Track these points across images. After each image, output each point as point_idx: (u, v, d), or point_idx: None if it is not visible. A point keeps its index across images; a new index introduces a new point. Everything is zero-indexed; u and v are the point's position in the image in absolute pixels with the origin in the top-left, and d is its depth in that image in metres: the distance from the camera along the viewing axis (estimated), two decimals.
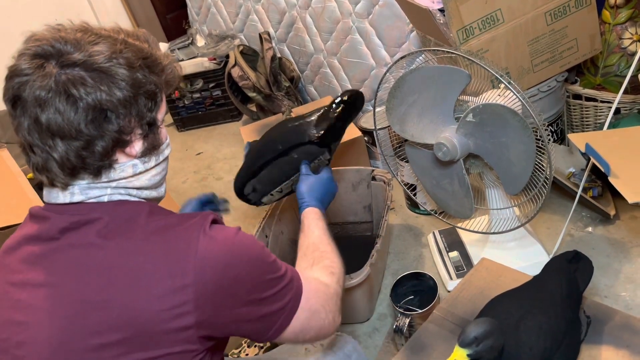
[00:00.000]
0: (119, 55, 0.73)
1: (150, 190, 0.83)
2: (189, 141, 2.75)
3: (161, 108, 0.81)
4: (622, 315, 1.02)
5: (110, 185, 0.77)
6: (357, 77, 2.12)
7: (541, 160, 1.19)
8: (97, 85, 0.70)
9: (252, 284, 0.78)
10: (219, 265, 0.74)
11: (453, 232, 1.56)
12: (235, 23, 2.74)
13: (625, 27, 1.57)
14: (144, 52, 0.77)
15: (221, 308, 0.76)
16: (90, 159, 0.73)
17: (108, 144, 0.73)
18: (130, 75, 0.73)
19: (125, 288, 0.72)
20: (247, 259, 0.78)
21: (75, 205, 0.76)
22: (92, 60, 0.71)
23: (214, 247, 0.75)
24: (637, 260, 1.38)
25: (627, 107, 1.57)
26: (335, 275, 0.96)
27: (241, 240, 0.79)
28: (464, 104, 1.26)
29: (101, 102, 0.71)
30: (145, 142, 0.78)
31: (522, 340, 0.90)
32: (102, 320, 0.71)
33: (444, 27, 1.44)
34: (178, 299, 0.72)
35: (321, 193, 1.17)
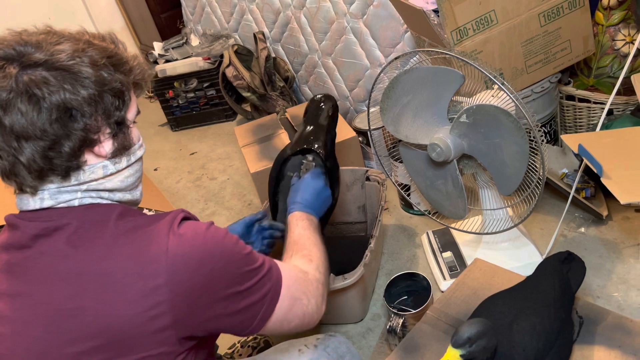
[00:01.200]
0: (82, 54, 0.72)
1: (123, 193, 0.81)
2: (183, 141, 2.74)
3: (130, 108, 0.80)
4: (614, 315, 1.02)
5: (81, 188, 0.76)
6: (351, 77, 2.13)
7: (534, 161, 1.19)
8: (60, 84, 0.70)
9: (228, 277, 0.78)
10: (192, 262, 0.74)
11: (447, 232, 1.57)
12: (229, 23, 2.73)
13: (618, 29, 1.58)
14: (109, 51, 0.76)
15: (198, 305, 0.75)
16: (58, 160, 0.72)
17: (75, 144, 0.72)
18: (94, 73, 0.72)
19: (96, 294, 0.71)
20: (219, 253, 0.77)
21: (45, 212, 0.75)
22: (54, 59, 0.70)
23: (184, 244, 0.74)
24: (629, 261, 1.39)
25: (620, 108, 1.58)
26: (314, 262, 0.97)
27: (213, 234, 0.78)
28: (457, 104, 1.26)
29: (65, 100, 0.70)
30: (115, 142, 0.77)
31: (515, 340, 0.91)
32: (77, 328, 0.71)
33: (438, 28, 1.44)
34: (152, 300, 0.71)
35: (305, 196, 1.16)
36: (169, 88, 2.74)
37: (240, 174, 2.30)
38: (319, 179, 1.21)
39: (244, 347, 1.42)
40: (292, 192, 1.19)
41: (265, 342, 1.41)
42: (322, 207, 1.19)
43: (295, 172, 1.31)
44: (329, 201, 1.22)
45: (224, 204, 2.13)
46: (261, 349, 1.39)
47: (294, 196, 1.17)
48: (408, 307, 1.34)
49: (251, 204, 2.06)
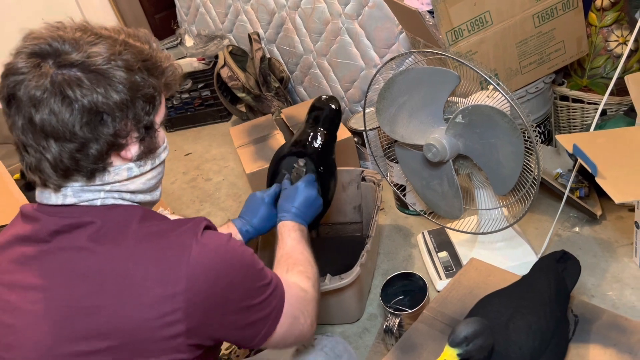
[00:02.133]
0: (118, 57, 0.72)
1: (144, 194, 0.81)
2: (178, 142, 2.74)
3: (160, 111, 0.79)
4: (609, 314, 1.03)
5: (104, 188, 0.76)
6: (346, 78, 2.13)
7: (529, 161, 1.20)
8: (93, 87, 0.69)
9: (243, 291, 0.78)
10: (211, 273, 0.74)
11: (442, 232, 1.57)
12: (224, 23, 2.73)
13: (611, 30, 1.59)
14: (144, 54, 0.75)
15: (211, 316, 0.75)
16: (84, 162, 0.72)
17: (103, 147, 0.72)
18: (128, 78, 0.72)
19: (114, 295, 0.71)
20: (238, 266, 0.78)
21: (67, 208, 0.75)
22: (90, 61, 0.70)
23: (206, 254, 0.74)
24: (623, 260, 1.40)
25: (614, 108, 1.59)
26: (311, 280, 0.97)
27: (233, 247, 0.78)
28: (453, 105, 1.26)
29: (97, 104, 0.70)
30: (141, 146, 0.77)
31: (512, 339, 0.91)
32: (90, 326, 0.71)
33: (433, 29, 1.45)
34: (169, 307, 0.71)
35: (296, 204, 1.15)
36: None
37: (235, 174, 2.30)
38: (312, 188, 1.20)
39: (241, 347, 1.41)
40: (284, 198, 1.18)
41: None
42: (312, 217, 1.18)
43: (287, 175, 1.30)
44: (320, 210, 1.21)
45: (219, 204, 2.13)
46: (258, 349, 1.39)
47: (285, 203, 1.16)
48: (404, 307, 1.34)
49: None
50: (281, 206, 1.16)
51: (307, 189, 1.18)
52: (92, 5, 3.42)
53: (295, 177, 1.30)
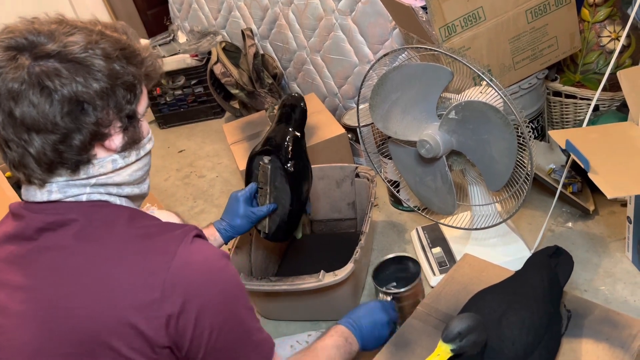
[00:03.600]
0: (95, 46, 0.71)
1: (132, 187, 0.80)
2: (171, 138, 2.73)
3: (141, 101, 0.79)
4: (601, 309, 1.03)
5: (89, 182, 0.75)
6: (340, 74, 2.13)
7: (522, 157, 1.20)
8: (72, 77, 0.69)
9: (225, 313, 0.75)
10: (191, 287, 0.72)
11: (436, 228, 1.58)
12: (217, 19, 2.72)
13: (603, 25, 1.59)
14: (122, 43, 0.75)
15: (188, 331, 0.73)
16: (68, 154, 0.71)
17: (86, 137, 0.71)
18: (106, 66, 0.71)
19: (94, 297, 0.70)
20: (220, 287, 0.74)
21: (52, 204, 0.74)
22: (66, 51, 0.69)
23: (189, 265, 0.72)
24: (615, 255, 1.41)
25: (606, 104, 1.60)
26: None
27: (222, 267, 0.76)
28: (446, 101, 1.26)
29: (77, 93, 0.69)
30: (125, 136, 0.76)
31: (505, 334, 0.92)
32: (73, 328, 0.70)
33: (427, 25, 1.45)
34: (148, 313, 0.70)
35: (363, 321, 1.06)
36: (156, 85, 2.71)
37: (229, 171, 2.30)
38: (383, 314, 1.09)
39: None
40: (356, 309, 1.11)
41: None
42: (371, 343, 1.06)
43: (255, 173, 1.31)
44: (382, 341, 1.08)
45: (212, 201, 2.12)
46: None
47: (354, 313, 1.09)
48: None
49: None
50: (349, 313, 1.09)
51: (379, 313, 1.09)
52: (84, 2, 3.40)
53: (261, 175, 1.30)
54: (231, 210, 1.26)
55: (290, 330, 1.43)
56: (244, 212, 1.25)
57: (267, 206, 1.29)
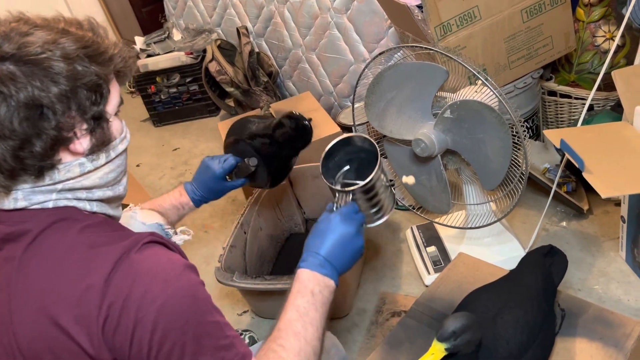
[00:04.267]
0: (54, 46, 0.66)
1: (103, 190, 0.76)
2: (166, 136, 2.72)
3: (110, 100, 0.74)
4: (595, 308, 1.04)
5: (56, 188, 0.71)
6: (335, 72, 2.12)
7: (517, 156, 1.20)
8: (28, 81, 0.64)
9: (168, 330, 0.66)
10: (131, 305, 0.65)
11: (431, 227, 1.58)
12: (212, 17, 2.71)
13: (598, 25, 1.60)
14: (84, 41, 0.70)
15: (125, 348, 0.66)
16: (29, 160, 0.67)
17: (47, 143, 0.67)
18: (66, 67, 0.66)
19: (35, 312, 0.67)
20: (165, 298, 0.66)
21: (18, 213, 0.71)
22: (22, 52, 0.65)
23: (129, 277, 0.66)
24: (609, 254, 1.41)
25: (601, 103, 1.60)
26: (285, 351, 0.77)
27: (173, 277, 0.67)
28: (441, 100, 1.26)
29: (34, 98, 0.65)
30: (92, 138, 0.71)
31: (500, 333, 0.92)
32: (16, 342, 0.67)
33: (422, 24, 1.45)
34: (79, 328, 0.65)
35: (325, 247, 0.87)
36: (151, 83, 2.71)
37: None
38: (350, 223, 0.90)
39: None
40: (313, 233, 0.90)
41: (251, 338, 1.40)
42: (347, 265, 0.89)
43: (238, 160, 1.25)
44: (359, 256, 0.92)
45: None
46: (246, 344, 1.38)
47: (313, 242, 0.89)
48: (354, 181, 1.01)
49: (235, 199, 2.05)
50: (307, 244, 0.90)
51: (344, 224, 0.89)
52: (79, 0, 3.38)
53: (237, 172, 1.26)
54: (203, 181, 1.23)
55: None
56: (216, 186, 1.24)
57: (241, 180, 1.27)
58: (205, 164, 1.25)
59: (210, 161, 1.25)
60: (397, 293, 1.47)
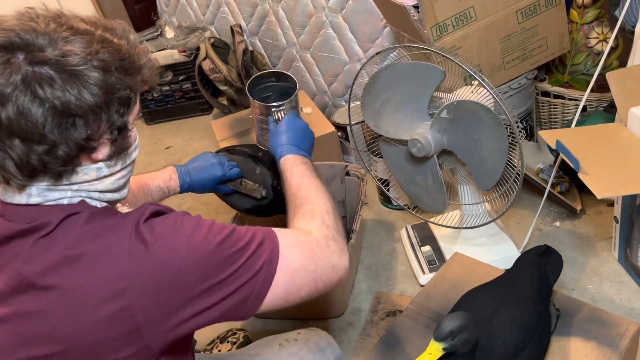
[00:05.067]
0: (95, 57, 0.67)
1: (112, 194, 0.78)
2: (158, 135, 2.70)
3: (134, 111, 0.76)
4: (589, 307, 1.05)
5: (72, 188, 0.72)
6: (330, 72, 2.12)
7: (512, 157, 1.21)
8: (66, 88, 0.65)
9: (201, 272, 0.72)
10: (156, 263, 0.70)
11: (425, 227, 1.58)
12: (205, 15, 2.69)
13: (592, 27, 1.61)
14: (122, 52, 0.71)
15: (170, 305, 0.71)
16: (52, 164, 0.68)
17: (73, 150, 0.68)
18: (103, 80, 0.68)
19: (58, 299, 0.68)
20: (186, 249, 0.71)
21: (28, 208, 0.71)
22: (64, 60, 0.66)
23: (148, 244, 0.70)
24: (602, 254, 1.42)
25: (594, 105, 1.61)
26: (317, 218, 0.88)
27: (179, 229, 0.73)
28: (438, 100, 1.27)
29: (69, 105, 0.66)
30: (113, 147, 0.74)
31: (496, 333, 0.92)
32: (42, 331, 0.69)
33: (418, 24, 1.45)
34: (117, 305, 0.68)
35: (289, 138, 1.10)
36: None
37: None
38: (299, 120, 1.16)
39: (223, 342, 1.41)
40: (275, 135, 1.13)
41: (245, 337, 1.40)
42: (311, 148, 1.13)
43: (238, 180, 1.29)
44: (313, 141, 1.16)
45: (200, 198, 2.10)
46: (241, 344, 1.38)
47: (279, 139, 1.11)
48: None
49: None
50: (275, 142, 1.11)
51: (297, 121, 1.15)
52: None
53: (235, 185, 1.27)
54: (199, 174, 1.23)
55: (279, 328, 1.43)
56: (209, 184, 1.24)
57: (229, 189, 1.28)
58: (211, 161, 1.24)
59: (216, 160, 1.24)
60: (392, 292, 1.47)
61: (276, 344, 1.12)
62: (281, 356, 1.08)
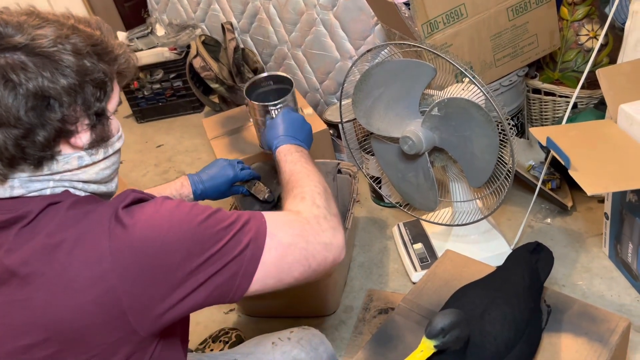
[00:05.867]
0: (65, 41, 0.69)
1: (98, 185, 0.78)
2: (149, 133, 2.69)
3: (112, 98, 0.76)
4: (580, 304, 1.05)
5: (54, 178, 0.73)
6: (321, 69, 2.12)
7: (503, 154, 1.21)
8: (39, 71, 0.66)
9: (184, 251, 0.72)
10: (135, 243, 0.70)
11: (417, 224, 1.58)
12: (196, 12, 2.68)
13: (582, 24, 1.61)
14: (94, 38, 0.73)
15: (155, 287, 0.71)
16: (31, 149, 0.69)
17: (50, 134, 0.69)
18: (76, 62, 0.69)
19: (43, 285, 0.68)
20: (167, 228, 0.71)
21: (12, 201, 0.72)
22: (34, 44, 0.67)
23: (129, 226, 0.70)
24: (592, 250, 1.43)
25: (584, 101, 1.62)
26: (307, 199, 0.89)
27: (159, 209, 0.73)
28: (429, 97, 1.27)
29: (43, 88, 0.67)
30: (93, 133, 0.74)
31: (487, 330, 0.92)
32: (27, 319, 0.69)
33: (409, 21, 1.45)
34: (100, 287, 0.68)
35: (287, 128, 1.13)
36: (134, 79, 2.67)
37: None
38: (294, 113, 1.19)
39: (215, 342, 1.40)
40: (270, 130, 1.16)
41: (238, 337, 1.40)
42: (308, 139, 1.15)
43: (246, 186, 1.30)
44: (311, 133, 1.18)
45: None
46: (233, 343, 1.38)
47: (274, 132, 1.13)
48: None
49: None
50: (271, 136, 1.14)
51: (291, 114, 1.18)
52: None
53: (251, 186, 1.29)
54: (213, 184, 1.22)
55: (272, 327, 1.42)
56: (223, 188, 1.23)
57: (244, 190, 1.29)
58: (222, 164, 1.24)
59: (227, 162, 1.25)
60: (384, 290, 1.47)
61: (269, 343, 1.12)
62: (274, 355, 1.08)
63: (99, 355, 0.71)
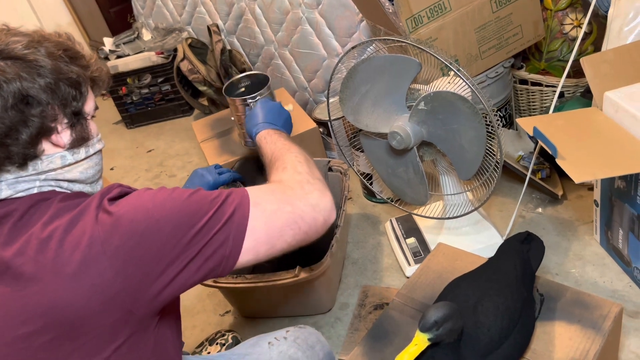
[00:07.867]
0: (38, 45, 0.74)
1: (83, 185, 0.82)
2: (139, 138, 2.68)
3: (88, 101, 0.81)
4: (572, 291, 1.06)
5: (39, 177, 0.76)
6: (309, 68, 2.12)
7: (491, 145, 1.21)
8: (17, 72, 0.71)
9: (171, 227, 0.74)
10: (124, 223, 0.72)
11: (409, 219, 1.59)
12: (182, 16, 2.67)
13: (566, 13, 1.62)
14: (65, 45, 0.78)
15: (147, 266, 0.73)
16: (14, 147, 0.73)
17: (32, 131, 0.73)
18: (51, 63, 0.74)
19: (37, 274, 0.70)
20: (152, 206, 0.74)
21: (2, 202, 0.75)
22: (9, 48, 0.72)
23: (114, 209, 0.73)
24: (584, 238, 1.44)
25: (571, 90, 1.63)
26: (289, 169, 0.92)
27: (142, 194, 0.76)
28: (415, 92, 1.27)
29: (22, 88, 0.71)
30: (73, 133, 0.78)
31: (480, 321, 0.93)
32: (24, 309, 0.71)
33: (393, 17, 1.45)
34: (93, 271, 0.70)
35: (263, 117, 1.18)
36: (122, 84, 2.66)
37: None
38: (272, 101, 1.24)
39: (212, 344, 1.40)
40: (249, 119, 1.19)
41: (234, 338, 1.40)
42: (286, 125, 1.20)
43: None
44: (290, 120, 1.22)
45: None
46: (229, 345, 1.38)
47: (253, 121, 1.18)
48: None
49: None
50: (250, 124, 1.18)
51: (268, 103, 1.22)
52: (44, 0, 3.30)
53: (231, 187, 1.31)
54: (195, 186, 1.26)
55: (268, 327, 1.43)
56: None
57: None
58: (199, 172, 1.29)
59: (204, 171, 1.29)
60: (378, 286, 1.47)
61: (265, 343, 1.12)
62: (271, 355, 1.08)
63: (99, 337, 0.73)
